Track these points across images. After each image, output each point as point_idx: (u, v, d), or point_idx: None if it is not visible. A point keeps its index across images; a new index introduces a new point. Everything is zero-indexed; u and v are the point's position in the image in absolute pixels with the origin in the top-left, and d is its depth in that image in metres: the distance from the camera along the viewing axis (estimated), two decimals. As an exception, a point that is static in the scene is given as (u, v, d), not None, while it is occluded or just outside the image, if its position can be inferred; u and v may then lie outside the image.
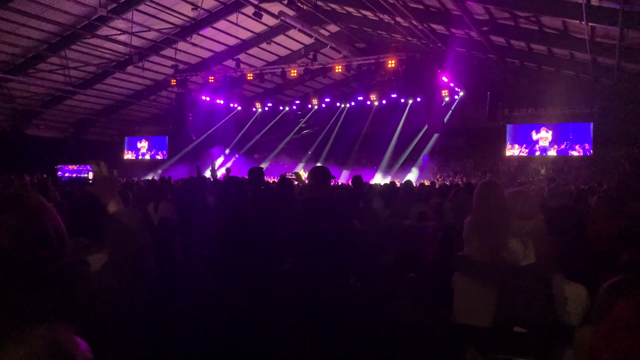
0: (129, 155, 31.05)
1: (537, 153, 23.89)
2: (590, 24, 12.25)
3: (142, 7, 16.56)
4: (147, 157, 30.65)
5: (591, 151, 22.57)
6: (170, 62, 21.10)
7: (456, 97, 23.25)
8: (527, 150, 24.18)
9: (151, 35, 18.78)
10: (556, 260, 3.01)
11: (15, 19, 15.79)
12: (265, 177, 6.42)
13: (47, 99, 22.88)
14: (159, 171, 25.47)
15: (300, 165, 27.13)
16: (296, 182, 11.01)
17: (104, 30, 17.57)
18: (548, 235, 3.11)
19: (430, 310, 3.50)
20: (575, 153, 23.11)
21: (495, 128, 23.89)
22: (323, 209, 3.65)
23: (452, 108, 23.77)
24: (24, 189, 2.02)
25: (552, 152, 23.61)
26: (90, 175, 2.93)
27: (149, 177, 20.45)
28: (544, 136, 23.75)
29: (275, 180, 15.24)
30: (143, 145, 30.99)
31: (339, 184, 17.00)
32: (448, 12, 15.53)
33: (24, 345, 1.32)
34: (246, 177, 6.00)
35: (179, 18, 17.95)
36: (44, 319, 1.40)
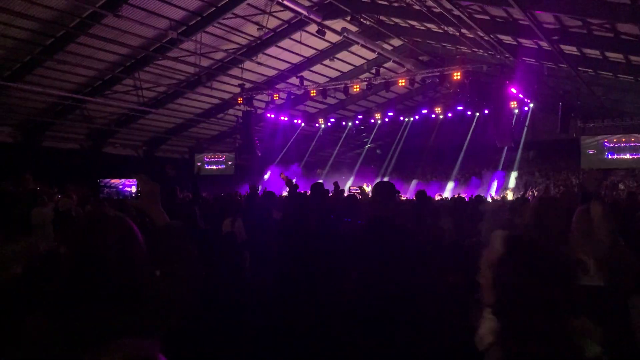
0: (197, 172, 31.98)
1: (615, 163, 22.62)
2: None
3: (209, 29, 17.11)
4: (215, 173, 31.49)
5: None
6: (236, 81, 21.64)
7: (526, 108, 22.42)
8: (603, 163, 22.90)
9: (219, 55, 19.37)
10: (635, 279, 2.78)
11: (93, 44, 16.72)
12: (328, 192, 6.39)
13: (122, 119, 24.00)
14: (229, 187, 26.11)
15: (351, 179, 27.14)
16: (360, 197, 10.93)
17: (174, 52, 18.28)
18: (627, 254, 2.88)
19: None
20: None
21: (569, 140, 22.84)
22: (385, 227, 3.56)
23: (523, 120, 22.94)
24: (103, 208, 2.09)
25: (632, 165, 22.28)
26: (134, 189, 3.01)
27: (220, 194, 20.99)
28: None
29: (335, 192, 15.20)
30: (211, 161, 31.90)
31: (404, 198, 16.76)
32: (515, 22, 15.06)
33: (107, 356, 1.35)
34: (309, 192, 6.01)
35: (244, 38, 18.42)
36: (129, 332, 1.43)
